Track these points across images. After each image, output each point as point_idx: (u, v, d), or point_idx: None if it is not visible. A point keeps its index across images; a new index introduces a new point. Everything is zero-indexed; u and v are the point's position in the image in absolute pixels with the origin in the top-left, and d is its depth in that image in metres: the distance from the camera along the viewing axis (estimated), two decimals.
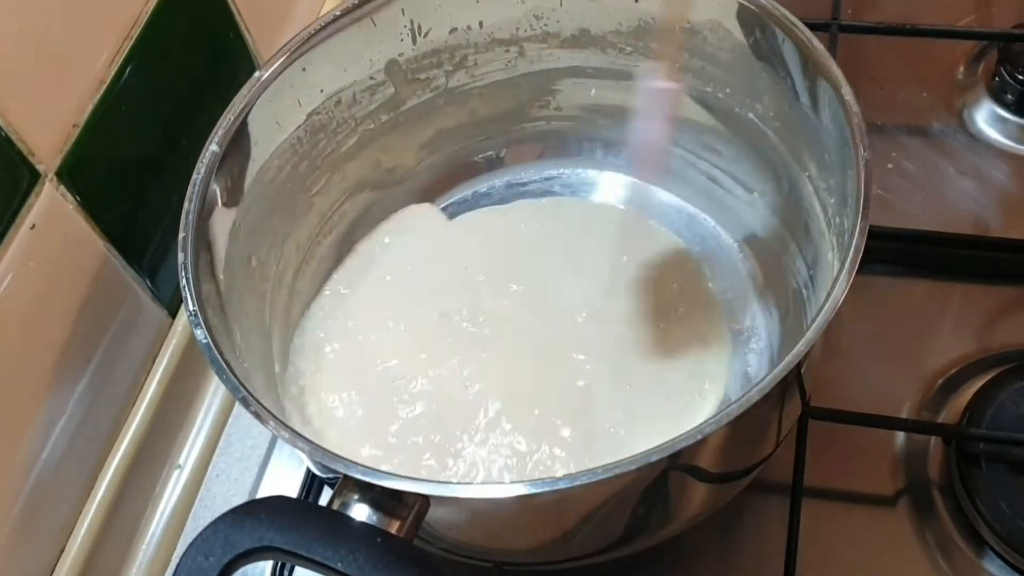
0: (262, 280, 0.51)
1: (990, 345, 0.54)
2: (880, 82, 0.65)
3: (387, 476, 0.36)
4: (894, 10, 0.67)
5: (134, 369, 0.54)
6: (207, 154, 0.46)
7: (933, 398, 0.53)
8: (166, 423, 0.55)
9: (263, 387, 0.46)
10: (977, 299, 0.56)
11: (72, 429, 0.49)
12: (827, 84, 0.44)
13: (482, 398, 0.51)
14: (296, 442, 0.38)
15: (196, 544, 0.35)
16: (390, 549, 0.35)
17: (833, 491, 0.51)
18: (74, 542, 0.49)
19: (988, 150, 0.62)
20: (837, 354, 0.54)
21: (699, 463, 0.41)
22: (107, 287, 0.50)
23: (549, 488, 0.35)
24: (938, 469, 0.51)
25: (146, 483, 0.54)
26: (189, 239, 0.43)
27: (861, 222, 0.40)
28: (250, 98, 0.48)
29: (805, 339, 0.37)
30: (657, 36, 0.50)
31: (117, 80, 0.49)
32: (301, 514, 0.36)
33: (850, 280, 0.38)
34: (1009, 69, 0.62)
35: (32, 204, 0.45)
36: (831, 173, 0.46)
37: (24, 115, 0.43)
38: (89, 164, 0.48)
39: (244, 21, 0.58)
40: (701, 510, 0.45)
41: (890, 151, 0.62)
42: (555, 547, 0.44)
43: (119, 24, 0.49)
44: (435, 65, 0.55)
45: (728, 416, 0.36)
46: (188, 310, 0.41)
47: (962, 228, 0.58)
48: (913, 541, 0.49)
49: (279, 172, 0.51)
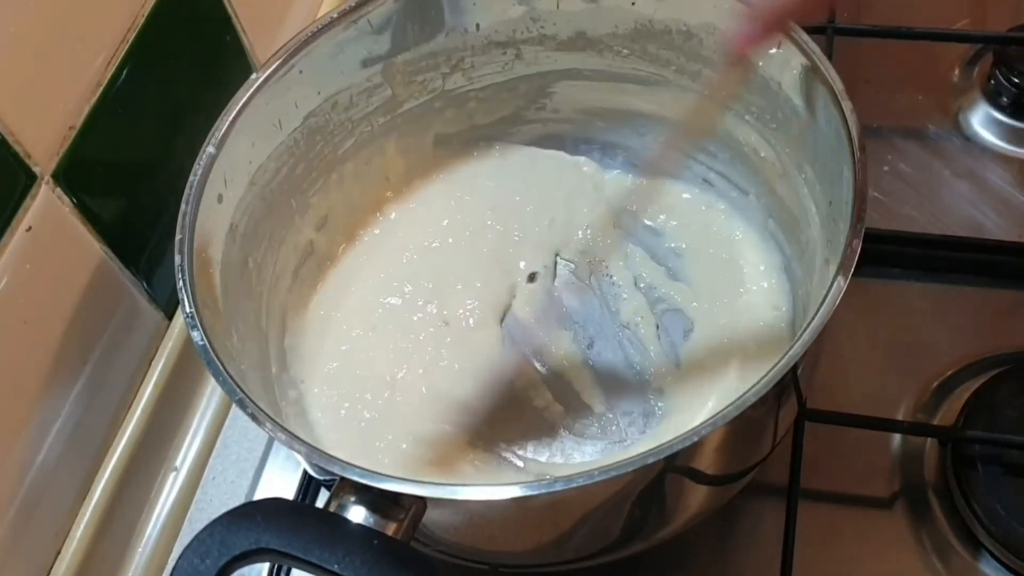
0: (259, 282, 0.51)
1: (986, 347, 0.54)
2: (876, 85, 0.65)
3: (384, 478, 0.36)
4: (890, 13, 0.67)
5: (130, 371, 0.54)
6: (204, 156, 0.46)
7: (929, 400, 0.53)
8: (162, 425, 0.55)
9: (260, 389, 0.46)
10: (972, 301, 0.57)
11: (68, 431, 0.49)
12: (823, 87, 0.44)
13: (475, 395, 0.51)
14: (293, 444, 0.38)
15: (192, 546, 0.35)
16: (387, 551, 0.35)
17: (829, 493, 0.51)
18: (70, 545, 0.49)
19: (983, 153, 0.62)
20: (833, 356, 0.54)
21: (695, 465, 0.41)
22: (103, 289, 0.50)
23: (546, 490, 0.35)
24: (934, 471, 0.51)
25: (142, 486, 0.54)
26: (186, 241, 0.43)
27: (857, 225, 0.40)
28: (247, 100, 0.48)
29: (801, 341, 0.37)
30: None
31: (114, 82, 0.49)
32: (298, 516, 0.36)
33: (846, 283, 0.38)
34: (1004, 72, 0.62)
35: (28, 206, 0.45)
36: (827, 175, 0.46)
37: (20, 117, 0.43)
38: (86, 166, 0.48)
39: (241, 23, 0.58)
40: (698, 512, 0.45)
41: (886, 154, 0.62)
42: (552, 549, 0.44)
43: (116, 27, 0.49)
44: (432, 67, 0.55)
45: (724, 418, 0.36)
46: (185, 312, 0.41)
47: (957, 230, 0.58)
48: (909, 543, 0.49)
49: (276, 174, 0.51)
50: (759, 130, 0.52)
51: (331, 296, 0.56)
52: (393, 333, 0.54)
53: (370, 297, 0.56)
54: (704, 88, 0.51)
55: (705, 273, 0.55)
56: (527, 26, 0.54)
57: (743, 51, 0.44)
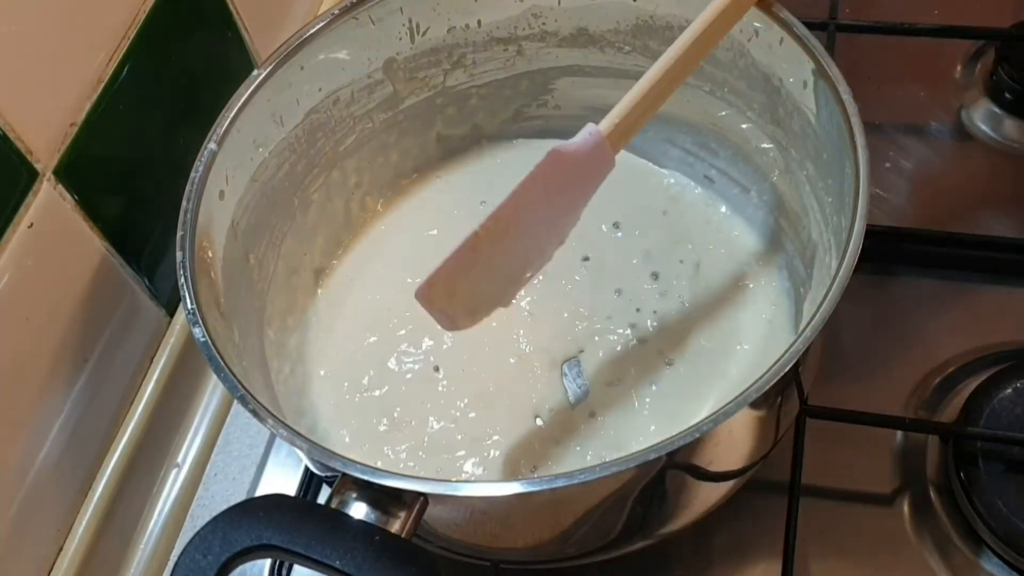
0: (260, 279, 0.51)
1: (988, 344, 0.54)
2: (878, 81, 0.65)
3: (386, 474, 0.36)
4: (892, 9, 0.67)
5: (132, 368, 0.54)
6: (205, 152, 0.46)
7: (931, 397, 0.53)
8: (164, 422, 0.55)
9: (261, 386, 0.46)
10: (975, 298, 0.56)
11: (70, 428, 0.49)
12: (825, 83, 0.44)
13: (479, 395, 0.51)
14: (295, 440, 0.38)
15: (194, 542, 0.35)
16: (388, 547, 0.35)
17: (831, 490, 0.51)
18: (72, 541, 0.49)
19: (985, 149, 0.62)
20: (835, 353, 0.54)
21: (697, 461, 0.41)
22: (105, 286, 0.50)
23: (547, 486, 0.35)
24: (935, 468, 0.51)
25: (144, 482, 0.54)
26: (187, 238, 0.43)
27: (859, 221, 0.40)
28: (248, 97, 0.48)
29: (803, 337, 0.37)
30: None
31: (115, 79, 0.49)
32: (299, 512, 0.36)
33: (848, 279, 0.38)
34: (1007, 68, 0.62)
35: (30, 203, 0.45)
36: (829, 172, 0.46)
37: (22, 114, 0.43)
38: (87, 163, 0.48)
39: (242, 19, 0.58)
40: (699, 509, 0.45)
41: (888, 150, 0.62)
42: (553, 546, 0.44)
43: (117, 23, 0.49)
44: (433, 64, 0.55)
45: (726, 414, 0.36)
46: (187, 308, 0.41)
47: (959, 227, 0.58)
48: (911, 539, 0.49)
49: (277, 171, 0.51)
50: (760, 126, 0.52)
51: (333, 292, 0.56)
52: (396, 328, 0.54)
53: (373, 292, 0.56)
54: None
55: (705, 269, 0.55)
56: (528, 22, 0.54)
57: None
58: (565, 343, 0.53)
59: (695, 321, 0.53)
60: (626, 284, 0.55)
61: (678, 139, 0.57)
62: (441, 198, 0.59)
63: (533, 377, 0.52)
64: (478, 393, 0.51)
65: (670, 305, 0.54)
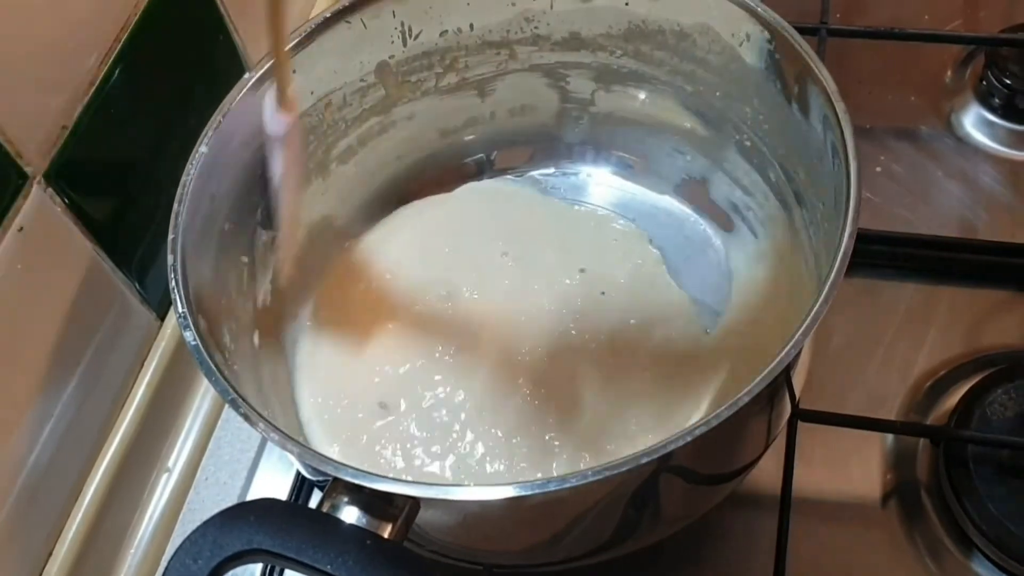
0: (252, 283, 0.51)
1: (978, 347, 0.55)
2: (869, 86, 0.66)
3: (377, 478, 0.36)
4: (883, 14, 0.67)
5: (123, 372, 0.53)
6: (196, 156, 0.46)
7: (921, 400, 0.54)
8: (155, 426, 0.55)
9: (252, 390, 0.46)
10: (965, 302, 0.57)
11: (60, 432, 0.49)
12: (816, 88, 0.44)
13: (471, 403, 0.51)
14: (286, 444, 0.38)
15: (184, 547, 0.34)
16: (380, 551, 0.35)
17: (822, 492, 0.51)
18: (62, 546, 0.49)
19: (976, 153, 0.63)
20: (826, 356, 0.54)
21: (689, 465, 0.41)
22: (96, 289, 0.50)
23: (539, 490, 0.35)
24: (926, 471, 0.51)
25: (135, 487, 0.54)
26: (178, 241, 0.43)
27: (850, 226, 0.40)
28: (239, 100, 0.48)
29: (794, 341, 0.37)
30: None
31: (106, 82, 0.49)
32: (290, 516, 0.36)
33: (838, 283, 0.38)
34: (996, 73, 0.63)
35: (20, 206, 0.45)
36: (820, 176, 0.46)
37: (12, 117, 0.43)
38: (78, 166, 0.48)
39: (233, 23, 0.58)
40: (691, 511, 0.45)
41: (878, 154, 0.63)
42: (546, 549, 0.44)
43: (108, 26, 0.49)
44: (426, 67, 0.55)
45: (718, 418, 0.36)
46: (177, 312, 0.41)
47: (950, 231, 0.59)
48: (902, 542, 0.50)
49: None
50: (752, 132, 0.52)
51: (326, 295, 0.56)
52: (390, 333, 0.54)
53: (365, 296, 0.56)
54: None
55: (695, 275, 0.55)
56: (521, 26, 0.54)
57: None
58: (560, 345, 0.53)
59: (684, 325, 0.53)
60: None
61: (671, 144, 0.57)
62: (433, 201, 0.59)
63: (525, 381, 0.51)
64: (469, 401, 0.51)
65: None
